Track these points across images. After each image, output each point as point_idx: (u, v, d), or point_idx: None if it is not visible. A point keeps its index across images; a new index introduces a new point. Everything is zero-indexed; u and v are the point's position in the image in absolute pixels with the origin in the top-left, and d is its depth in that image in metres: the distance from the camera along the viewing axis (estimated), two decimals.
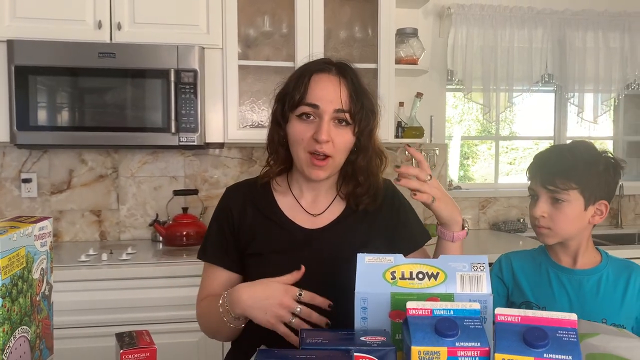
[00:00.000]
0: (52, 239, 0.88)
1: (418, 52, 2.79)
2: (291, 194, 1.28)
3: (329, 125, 1.14)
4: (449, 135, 3.40)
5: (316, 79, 1.16)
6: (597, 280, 1.34)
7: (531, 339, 0.71)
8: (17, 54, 2.30)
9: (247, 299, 1.07)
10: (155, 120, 2.41)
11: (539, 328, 0.72)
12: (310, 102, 1.14)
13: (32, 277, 0.81)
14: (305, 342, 0.78)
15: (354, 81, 1.18)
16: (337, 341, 0.79)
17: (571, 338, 0.71)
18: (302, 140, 1.16)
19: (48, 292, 0.87)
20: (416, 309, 0.77)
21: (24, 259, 0.78)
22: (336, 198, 1.28)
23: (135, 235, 2.82)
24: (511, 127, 3.79)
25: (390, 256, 0.89)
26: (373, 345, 0.77)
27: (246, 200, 1.26)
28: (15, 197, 2.70)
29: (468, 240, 2.81)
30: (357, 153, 1.22)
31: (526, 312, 0.74)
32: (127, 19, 2.41)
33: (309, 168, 1.18)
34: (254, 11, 2.67)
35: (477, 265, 0.87)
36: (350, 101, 1.15)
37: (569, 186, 1.29)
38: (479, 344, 0.73)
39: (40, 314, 0.84)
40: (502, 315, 0.75)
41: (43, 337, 0.85)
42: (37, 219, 0.85)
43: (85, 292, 2.16)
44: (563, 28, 3.03)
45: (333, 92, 1.14)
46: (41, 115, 2.34)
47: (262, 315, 1.06)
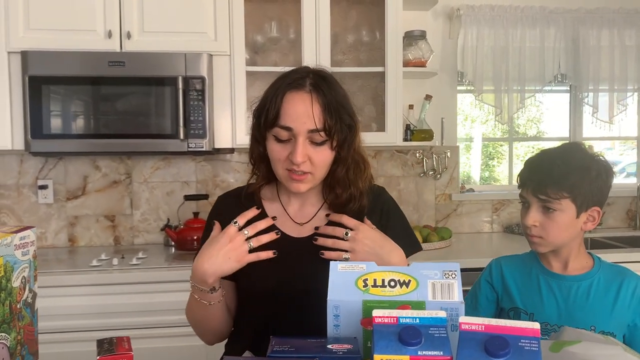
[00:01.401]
0: (36, 248, 0.91)
1: (426, 54, 2.77)
2: (279, 202, 1.29)
3: (304, 145, 1.14)
4: (470, 136, 3.38)
5: (288, 99, 1.14)
6: (588, 286, 1.32)
7: (492, 348, 0.70)
8: (30, 65, 2.37)
9: (208, 265, 1.10)
10: (164, 126, 2.45)
11: (500, 337, 0.71)
12: (283, 125, 1.14)
13: (12, 286, 0.84)
14: (273, 349, 0.79)
15: (328, 95, 1.15)
16: (305, 349, 0.80)
17: (533, 347, 0.71)
18: (279, 160, 1.17)
19: (31, 299, 0.90)
20: (382, 317, 0.78)
21: (2, 268, 0.81)
22: (323, 206, 1.28)
23: (148, 239, 2.87)
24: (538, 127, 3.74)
25: (362, 264, 0.90)
26: (339, 353, 0.78)
27: (236, 208, 1.27)
28: (32, 203, 2.77)
29: (480, 243, 2.82)
30: (336, 164, 1.21)
31: (490, 321, 0.74)
32: (137, 28, 2.46)
33: (289, 182, 1.19)
34: (261, 17, 2.70)
35: (449, 272, 0.87)
36: (323, 118, 1.13)
37: (561, 195, 1.26)
38: (441, 353, 0.73)
39: (22, 321, 0.87)
40: (466, 324, 0.74)
41: (25, 343, 0.88)
42: (19, 228, 0.88)
43: (96, 296, 2.21)
44: (577, 27, 2.98)
45: (305, 113, 1.13)
46: (54, 124, 2.40)
47: (229, 264, 1.10)
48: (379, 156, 3.01)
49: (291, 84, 1.15)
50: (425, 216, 3.06)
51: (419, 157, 3.03)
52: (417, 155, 3.03)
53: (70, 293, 2.19)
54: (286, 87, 1.15)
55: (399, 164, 3.03)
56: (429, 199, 3.07)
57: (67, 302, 2.19)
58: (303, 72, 1.19)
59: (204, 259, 1.11)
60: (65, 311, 2.17)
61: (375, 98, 2.78)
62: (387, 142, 2.66)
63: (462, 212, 3.10)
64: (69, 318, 2.17)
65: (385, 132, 2.65)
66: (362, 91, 2.80)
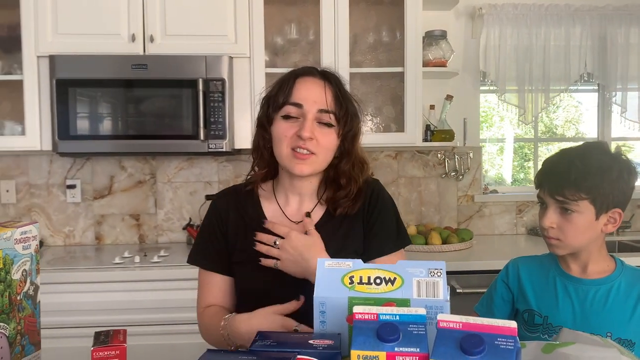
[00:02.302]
0: (38, 243, 0.95)
1: (447, 54, 2.75)
2: (275, 201, 1.30)
3: (313, 123, 1.17)
4: (502, 136, 3.34)
5: (301, 81, 1.19)
6: (607, 291, 1.28)
7: (467, 345, 0.70)
8: (58, 68, 2.46)
9: (246, 333, 1.09)
10: (186, 128, 2.50)
11: (476, 335, 0.71)
12: (294, 102, 1.17)
13: (11, 278, 0.88)
14: (255, 343, 0.81)
15: (339, 85, 1.21)
16: (287, 344, 0.81)
17: (509, 346, 0.70)
18: (285, 137, 1.18)
19: (33, 292, 0.94)
20: (362, 314, 0.78)
21: (1, 260, 0.85)
22: (317, 205, 1.29)
23: (172, 238, 2.93)
24: (577, 128, 3.67)
25: (349, 261, 0.90)
26: (318, 348, 0.79)
27: (231, 207, 1.29)
28: (61, 202, 2.87)
29: (502, 245, 2.78)
30: (340, 157, 1.23)
31: (468, 319, 0.74)
32: (159, 32, 2.52)
33: (292, 163, 1.19)
34: (280, 20, 2.73)
35: (434, 271, 0.87)
36: (334, 103, 1.18)
37: (579, 197, 1.22)
38: (418, 350, 0.73)
39: (22, 312, 0.91)
40: (444, 322, 0.74)
41: (26, 333, 0.92)
42: (22, 224, 0.92)
43: (117, 292, 2.27)
44: (604, 24, 2.91)
45: (317, 93, 1.17)
46: (80, 125, 2.48)
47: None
48: (400, 157, 3.00)
49: (303, 72, 1.21)
50: (447, 217, 3.03)
51: (441, 158, 3.01)
52: (438, 156, 3.01)
53: (93, 289, 2.26)
54: (299, 73, 1.21)
55: (420, 164, 3.01)
56: (451, 200, 3.04)
57: (92, 298, 2.25)
58: (312, 67, 1.25)
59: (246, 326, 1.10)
60: (89, 307, 2.24)
61: (395, 98, 2.78)
62: (406, 143, 2.65)
63: (485, 214, 3.06)
64: (92, 314, 2.23)
65: (405, 132, 2.64)
66: (381, 92, 2.80)
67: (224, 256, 1.28)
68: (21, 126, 2.54)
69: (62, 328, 2.21)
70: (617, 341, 1.25)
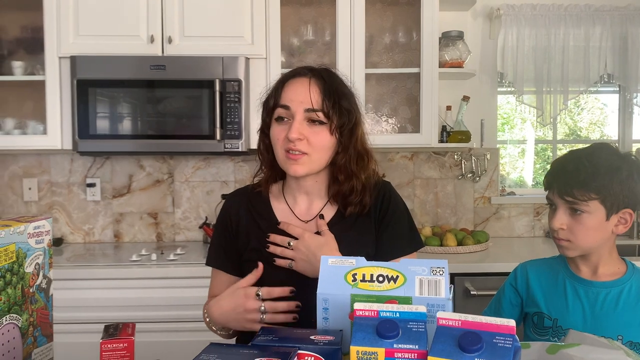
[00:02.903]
0: (51, 237, 0.98)
1: (464, 55, 2.74)
2: (284, 201, 1.31)
3: (301, 124, 1.18)
4: (524, 138, 3.31)
5: (289, 83, 1.21)
6: (618, 294, 1.26)
7: (465, 343, 0.70)
8: (79, 69, 2.51)
9: (219, 316, 1.18)
10: (202, 128, 2.53)
11: (474, 333, 0.71)
12: (282, 104, 1.19)
13: (24, 271, 0.90)
14: (257, 338, 0.82)
15: (328, 81, 1.21)
16: (288, 339, 0.82)
17: (507, 344, 0.70)
18: (278, 140, 1.21)
19: (45, 285, 0.97)
20: (363, 310, 0.79)
21: (14, 254, 0.87)
22: (327, 204, 1.30)
23: (189, 237, 2.97)
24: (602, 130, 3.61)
25: (352, 259, 0.91)
26: (319, 343, 0.79)
27: (242, 207, 1.31)
28: (81, 200, 2.93)
29: (519, 247, 2.75)
30: (337, 152, 1.24)
31: (467, 317, 0.74)
32: (177, 33, 2.56)
33: (287, 164, 1.21)
34: (297, 21, 2.74)
35: (437, 269, 0.87)
36: (321, 100, 1.18)
37: (588, 197, 1.21)
38: (417, 347, 0.73)
39: (35, 304, 0.93)
40: (443, 319, 0.75)
41: (38, 325, 0.94)
42: (35, 219, 0.95)
43: (134, 289, 2.31)
44: (625, 25, 2.87)
45: (303, 93, 1.18)
46: (100, 125, 2.53)
47: (237, 325, 1.17)
48: (416, 158, 2.99)
49: (293, 72, 1.23)
50: (463, 219, 3.02)
51: (457, 159, 2.99)
52: (455, 157, 2.99)
53: (111, 286, 2.30)
54: (288, 75, 1.23)
55: (436, 165, 3.00)
56: (467, 201, 3.02)
57: (109, 294, 2.30)
58: (306, 66, 1.26)
59: (217, 309, 1.19)
60: (106, 303, 2.29)
61: (410, 99, 2.78)
62: (422, 144, 2.64)
63: (502, 216, 3.04)
64: (109, 310, 2.28)
65: (421, 133, 2.63)
66: (397, 92, 2.80)
67: (234, 256, 1.30)
68: (43, 125, 2.60)
69: (80, 323, 2.26)
70: (628, 345, 1.24)
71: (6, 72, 2.66)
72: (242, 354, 0.75)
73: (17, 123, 2.71)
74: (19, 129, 2.68)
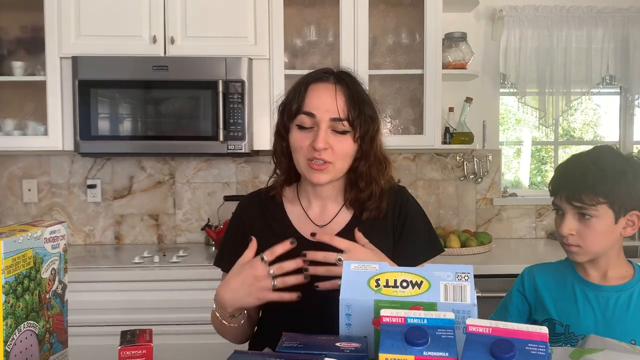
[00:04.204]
0: (66, 242, 0.96)
1: (467, 56, 2.74)
2: (299, 204, 1.30)
3: (327, 133, 1.16)
4: (520, 140, 3.31)
5: (313, 88, 1.18)
6: (628, 297, 1.26)
7: (498, 351, 0.70)
8: (80, 69, 2.48)
9: (230, 297, 1.11)
10: (205, 129, 2.51)
11: (506, 340, 0.71)
12: (306, 111, 1.16)
13: (41, 276, 0.89)
14: (282, 345, 0.81)
15: (352, 88, 1.19)
16: (313, 346, 0.81)
17: (540, 352, 0.69)
18: (301, 148, 1.18)
19: (61, 290, 0.95)
20: (390, 317, 0.78)
21: (32, 259, 0.86)
22: (343, 208, 1.29)
23: (190, 238, 2.95)
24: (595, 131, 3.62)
25: (375, 264, 0.90)
26: (346, 351, 0.78)
27: (257, 210, 1.30)
28: (81, 201, 2.90)
29: (522, 249, 2.75)
30: (359, 159, 1.22)
31: (498, 324, 0.73)
32: (180, 34, 2.54)
33: (309, 172, 1.20)
34: (300, 21, 2.73)
35: (462, 275, 0.86)
36: (347, 108, 1.16)
37: (597, 201, 1.21)
38: (447, 354, 0.72)
39: (51, 310, 0.92)
40: (473, 326, 0.74)
41: (54, 331, 0.93)
42: (50, 223, 0.93)
43: (137, 292, 2.29)
44: (627, 27, 2.87)
45: (329, 101, 1.16)
46: (102, 126, 2.50)
47: (250, 300, 1.10)
48: (418, 159, 2.98)
49: (315, 78, 1.20)
50: (465, 220, 3.01)
51: (459, 161, 2.99)
52: (457, 158, 2.99)
53: (113, 288, 2.28)
54: (310, 79, 1.20)
55: (438, 167, 3.00)
56: (469, 203, 3.02)
57: (111, 297, 2.27)
58: (327, 69, 1.23)
59: (226, 290, 1.11)
60: (109, 305, 2.26)
61: (414, 101, 2.77)
62: (425, 145, 2.64)
63: (503, 217, 3.04)
64: (112, 312, 2.25)
65: (424, 134, 2.63)
66: (400, 94, 2.79)
67: None
68: (44, 126, 2.58)
69: (81, 326, 2.23)
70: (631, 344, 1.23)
71: (6, 72, 2.63)
72: None
73: (18, 124, 2.68)
74: (19, 130, 2.65)
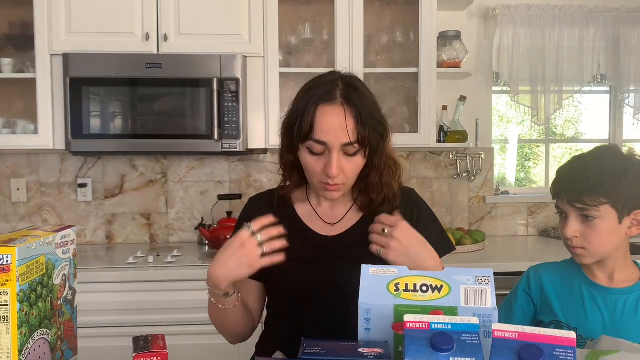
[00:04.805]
0: (75, 246, 0.94)
1: (461, 55, 2.74)
2: (309, 204, 1.30)
3: (339, 158, 1.15)
4: (506, 138, 3.33)
5: (321, 112, 1.14)
6: (636, 300, 1.25)
7: (526, 356, 0.70)
8: (71, 67, 2.44)
9: (221, 271, 1.09)
10: (199, 127, 2.49)
11: (534, 345, 0.70)
12: (318, 139, 1.14)
13: (53, 283, 0.86)
14: (304, 351, 0.80)
15: (360, 106, 1.15)
16: (336, 352, 0.80)
17: (568, 357, 0.69)
18: (314, 172, 1.18)
19: (71, 296, 0.93)
20: (414, 322, 0.78)
21: (44, 266, 0.84)
22: (352, 207, 1.29)
23: (183, 238, 2.92)
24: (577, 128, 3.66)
25: (394, 268, 0.89)
26: (370, 356, 0.78)
27: (267, 209, 1.28)
28: (72, 201, 2.86)
29: (515, 246, 2.77)
30: (369, 169, 1.22)
31: (524, 329, 0.73)
32: (173, 31, 2.50)
33: (323, 192, 1.22)
34: (295, 19, 2.71)
35: (482, 278, 0.86)
36: (357, 131, 1.14)
37: (599, 201, 1.20)
38: None
39: (62, 317, 0.90)
40: (499, 331, 0.74)
41: (65, 338, 0.91)
42: (60, 227, 0.91)
43: (131, 292, 2.26)
44: (618, 26, 2.90)
45: (339, 126, 1.13)
46: (94, 124, 2.46)
47: (242, 269, 1.09)
48: (412, 157, 2.99)
49: (323, 97, 1.15)
50: (458, 218, 3.03)
51: (453, 159, 3.00)
52: (450, 156, 3.00)
53: (107, 289, 2.25)
54: (318, 100, 1.15)
55: (432, 165, 3.01)
56: (462, 201, 3.03)
57: (104, 298, 2.24)
58: (332, 81, 1.18)
59: (217, 265, 1.10)
60: (102, 307, 2.22)
61: (409, 99, 2.77)
62: (420, 144, 2.64)
63: (496, 215, 3.05)
64: (105, 314, 2.22)
65: (419, 133, 2.63)
66: (395, 92, 2.79)
67: None
68: (34, 125, 2.53)
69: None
70: None
71: None
72: None
73: (7, 122, 2.63)
74: (8, 128, 2.60)
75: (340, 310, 1.16)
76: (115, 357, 2.04)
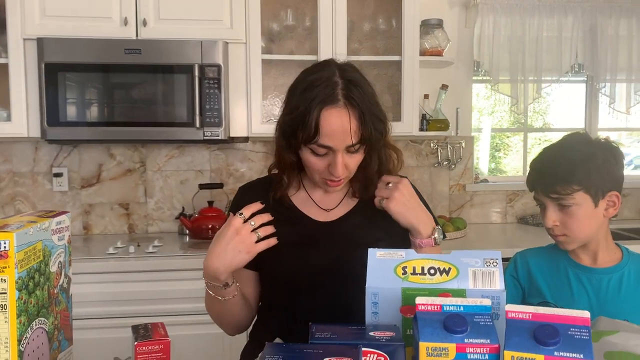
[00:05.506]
0: (70, 233, 0.90)
1: (443, 43, 2.75)
2: (304, 190, 1.29)
3: (343, 158, 1.15)
4: (479, 127, 3.36)
5: (325, 116, 1.11)
6: (619, 279, 1.30)
7: (542, 336, 0.69)
8: (47, 52, 2.35)
9: (219, 262, 1.09)
10: (180, 115, 2.44)
11: (550, 325, 0.70)
12: (322, 144, 1.13)
13: (50, 270, 0.83)
14: (314, 336, 0.79)
15: (362, 105, 1.13)
16: (346, 336, 0.79)
17: (583, 336, 0.70)
18: (317, 171, 1.18)
19: (67, 284, 0.89)
20: (425, 305, 0.77)
21: (41, 252, 0.80)
22: (348, 193, 1.29)
23: (162, 228, 2.87)
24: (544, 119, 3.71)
25: (401, 251, 0.89)
26: (382, 340, 0.77)
27: (259, 197, 1.26)
28: (47, 190, 2.77)
29: (495, 233, 2.80)
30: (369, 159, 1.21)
31: (537, 309, 0.73)
32: (152, 16, 2.44)
33: (325, 186, 1.23)
34: (277, 5, 2.67)
35: (490, 260, 0.86)
36: (359, 131, 1.13)
37: (572, 189, 1.24)
38: (488, 341, 0.72)
39: (59, 306, 0.86)
40: (512, 312, 0.73)
41: (62, 328, 0.87)
42: (55, 213, 0.87)
43: (113, 283, 2.21)
44: (595, 16, 2.95)
45: (343, 130, 1.11)
46: (70, 111, 2.39)
47: (240, 257, 1.08)
48: None
49: (325, 100, 1.12)
50: (439, 206, 3.05)
51: (434, 148, 3.01)
52: (431, 145, 3.01)
53: (87, 280, 2.19)
54: (320, 103, 1.12)
55: (413, 154, 3.01)
56: (443, 189, 3.05)
57: (85, 289, 2.18)
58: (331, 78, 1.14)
59: (213, 256, 1.09)
60: (82, 298, 2.16)
61: (391, 87, 2.76)
62: (403, 132, 2.64)
63: (476, 203, 3.09)
64: (86, 305, 2.16)
65: (402, 121, 2.63)
66: (378, 80, 2.78)
67: None
68: (6, 112, 2.44)
69: None
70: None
71: None
72: (307, 354, 0.72)
73: None
74: None
75: (337, 293, 1.15)
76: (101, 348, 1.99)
